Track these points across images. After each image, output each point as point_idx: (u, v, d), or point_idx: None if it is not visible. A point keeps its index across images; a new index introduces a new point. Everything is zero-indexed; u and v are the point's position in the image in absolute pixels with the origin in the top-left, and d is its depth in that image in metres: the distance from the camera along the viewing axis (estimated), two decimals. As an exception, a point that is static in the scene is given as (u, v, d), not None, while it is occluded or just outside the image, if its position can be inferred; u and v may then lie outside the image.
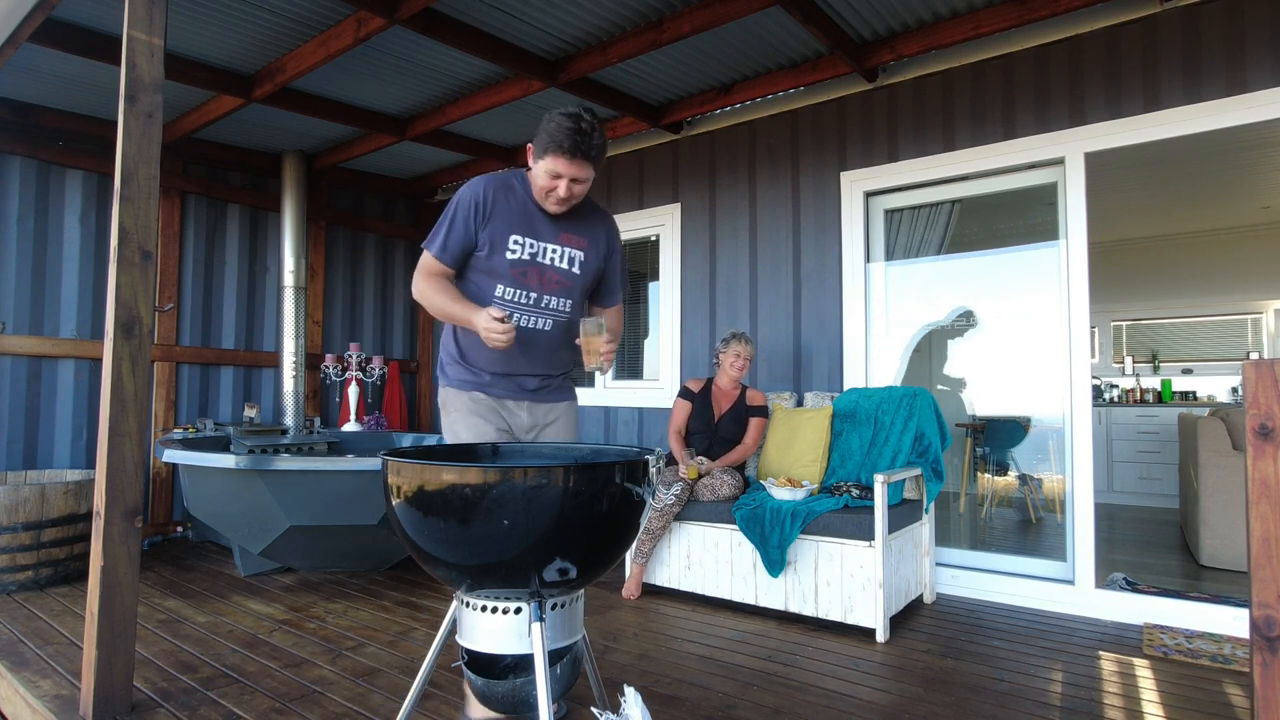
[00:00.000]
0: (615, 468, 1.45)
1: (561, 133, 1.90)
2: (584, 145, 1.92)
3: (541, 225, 2.09)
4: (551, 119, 1.92)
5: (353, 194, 6.12)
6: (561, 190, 1.98)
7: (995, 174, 3.78)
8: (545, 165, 1.96)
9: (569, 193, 1.99)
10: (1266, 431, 1.13)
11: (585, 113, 1.93)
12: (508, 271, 2.06)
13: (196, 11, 3.39)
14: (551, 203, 2.03)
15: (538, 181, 2.00)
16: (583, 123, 1.91)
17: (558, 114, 1.93)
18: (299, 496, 3.54)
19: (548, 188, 1.99)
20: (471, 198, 2.03)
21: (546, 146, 1.93)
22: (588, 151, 1.93)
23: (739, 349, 3.83)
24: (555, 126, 1.91)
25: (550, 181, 1.98)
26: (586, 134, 1.91)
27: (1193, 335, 7.42)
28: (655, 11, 3.47)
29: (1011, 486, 4.85)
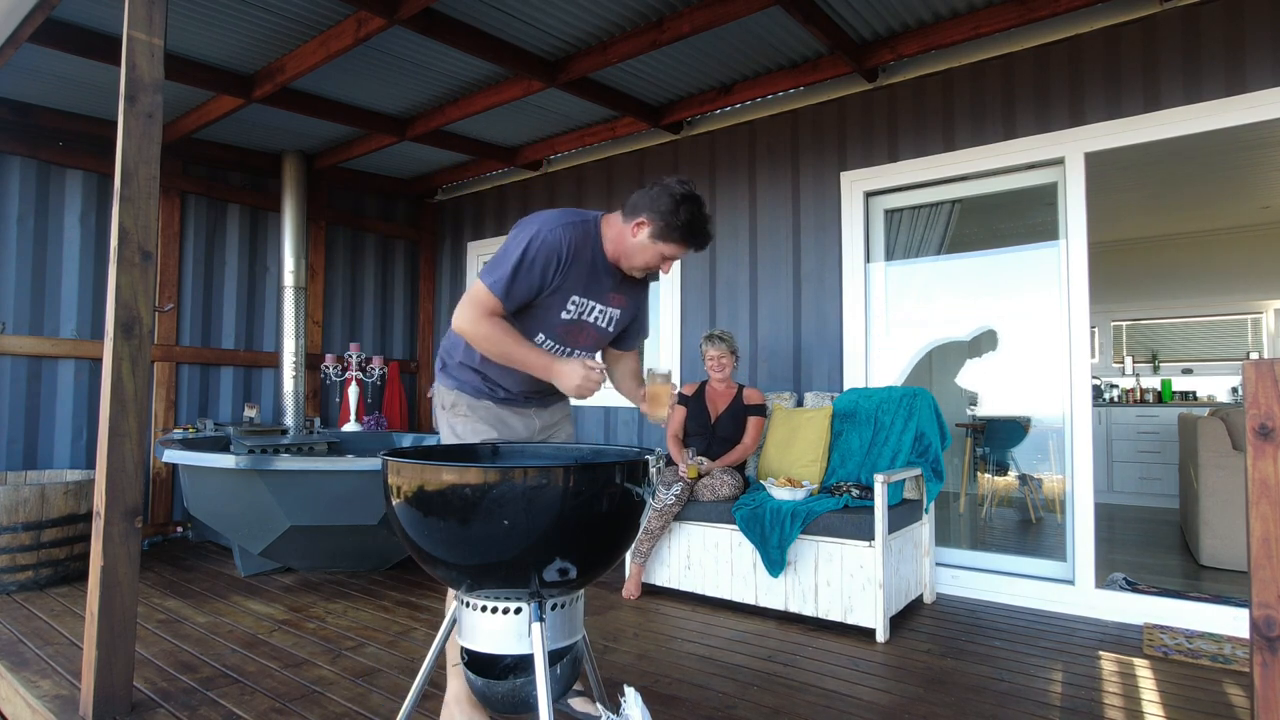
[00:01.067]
0: (615, 468, 1.45)
1: (697, 229, 1.86)
2: (707, 238, 1.92)
3: (601, 286, 1.99)
4: (681, 206, 1.83)
5: (353, 194, 6.12)
6: (665, 269, 1.96)
7: (995, 174, 3.79)
8: (664, 249, 1.89)
9: (667, 270, 1.97)
10: (1266, 431, 1.13)
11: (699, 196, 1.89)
12: (554, 327, 1.97)
13: (196, 11, 3.39)
14: (640, 273, 1.97)
15: (642, 257, 1.91)
16: (706, 213, 1.89)
17: (686, 200, 1.84)
18: (299, 496, 3.54)
19: (653, 265, 1.93)
20: (552, 251, 1.85)
21: (671, 235, 1.85)
22: (706, 244, 1.93)
23: (713, 352, 3.84)
24: (688, 218, 1.84)
25: (660, 261, 1.92)
26: (710, 225, 1.90)
27: (1193, 335, 7.42)
28: (655, 11, 3.47)
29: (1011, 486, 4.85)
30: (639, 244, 1.90)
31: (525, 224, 1.91)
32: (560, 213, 1.93)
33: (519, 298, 1.87)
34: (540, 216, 1.91)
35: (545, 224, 1.87)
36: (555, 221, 1.88)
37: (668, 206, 1.84)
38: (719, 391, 3.92)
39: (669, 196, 1.85)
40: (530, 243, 1.83)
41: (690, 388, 4.00)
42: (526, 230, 1.87)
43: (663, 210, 1.85)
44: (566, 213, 1.94)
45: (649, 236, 1.88)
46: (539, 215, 1.93)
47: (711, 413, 3.89)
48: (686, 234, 1.86)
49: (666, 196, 1.85)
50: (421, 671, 1.72)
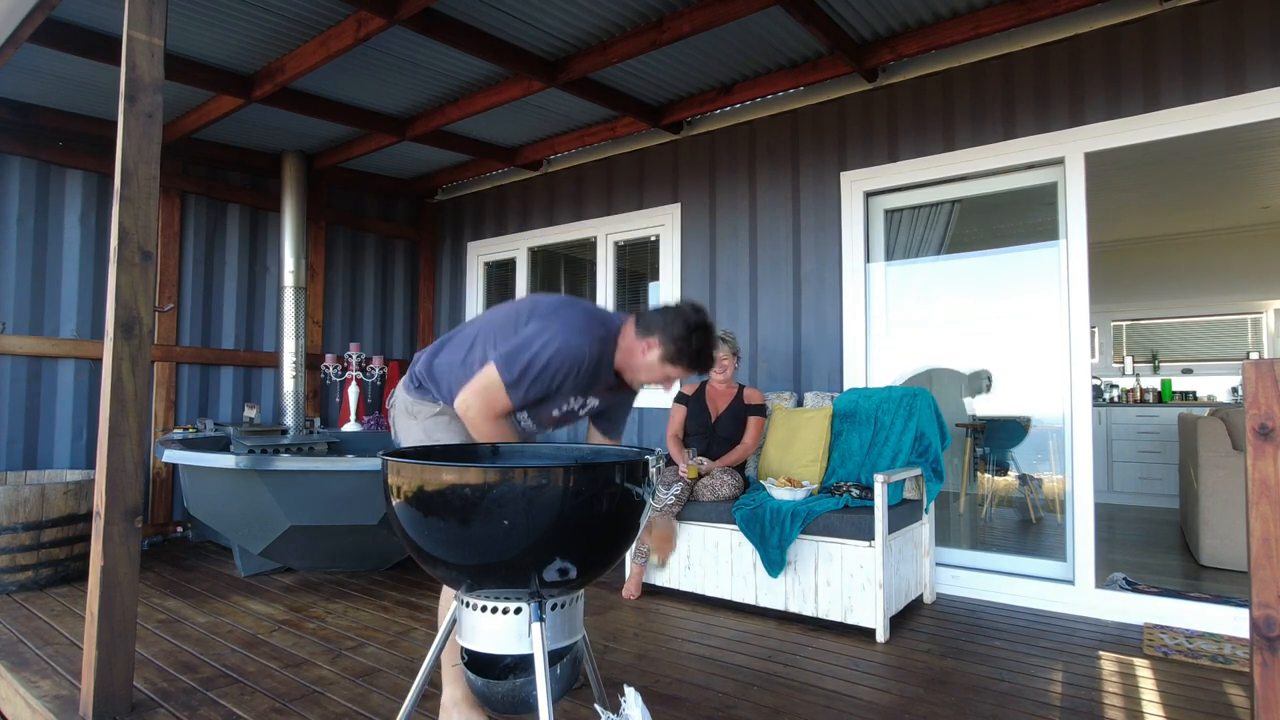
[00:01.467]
0: (615, 468, 1.45)
1: (703, 357, 1.93)
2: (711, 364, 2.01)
3: (598, 387, 2.05)
4: (694, 334, 1.89)
5: (353, 194, 6.12)
6: (665, 388, 2.02)
7: (995, 174, 3.79)
8: (670, 371, 1.94)
9: (668, 389, 2.03)
10: (1266, 431, 1.13)
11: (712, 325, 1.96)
12: (542, 416, 2.04)
13: (196, 11, 3.39)
14: (638, 385, 2.05)
15: (647, 373, 1.97)
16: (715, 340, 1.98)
17: (699, 329, 1.90)
18: (299, 496, 3.54)
19: (656, 381, 1.99)
20: (573, 365, 1.88)
21: (679, 360, 1.91)
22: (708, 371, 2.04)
23: (715, 353, 3.81)
24: (700, 347, 1.91)
25: (663, 379, 1.98)
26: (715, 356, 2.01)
27: (1192, 335, 7.42)
28: (655, 11, 3.47)
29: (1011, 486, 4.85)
30: (647, 363, 1.95)
31: (552, 322, 1.90)
32: (589, 320, 1.94)
33: (530, 400, 1.92)
34: (570, 320, 1.91)
35: (574, 334, 1.88)
36: (584, 333, 1.90)
37: (680, 333, 1.89)
38: (719, 391, 3.92)
39: (683, 323, 1.90)
40: (555, 354, 1.85)
41: (690, 387, 4.00)
42: (554, 335, 1.87)
43: (675, 336, 1.90)
44: (594, 320, 1.95)
45: (658, 359, 1.93)
46: (568, 318, 1.92)
47: (712, 412, 3.89)
48: (694, 362, 1.93)
49: (681, 323, 1.90)
50: (421, 671, 1.72)
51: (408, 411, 2.12)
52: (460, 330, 2.14)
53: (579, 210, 5.45)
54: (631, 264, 5.33)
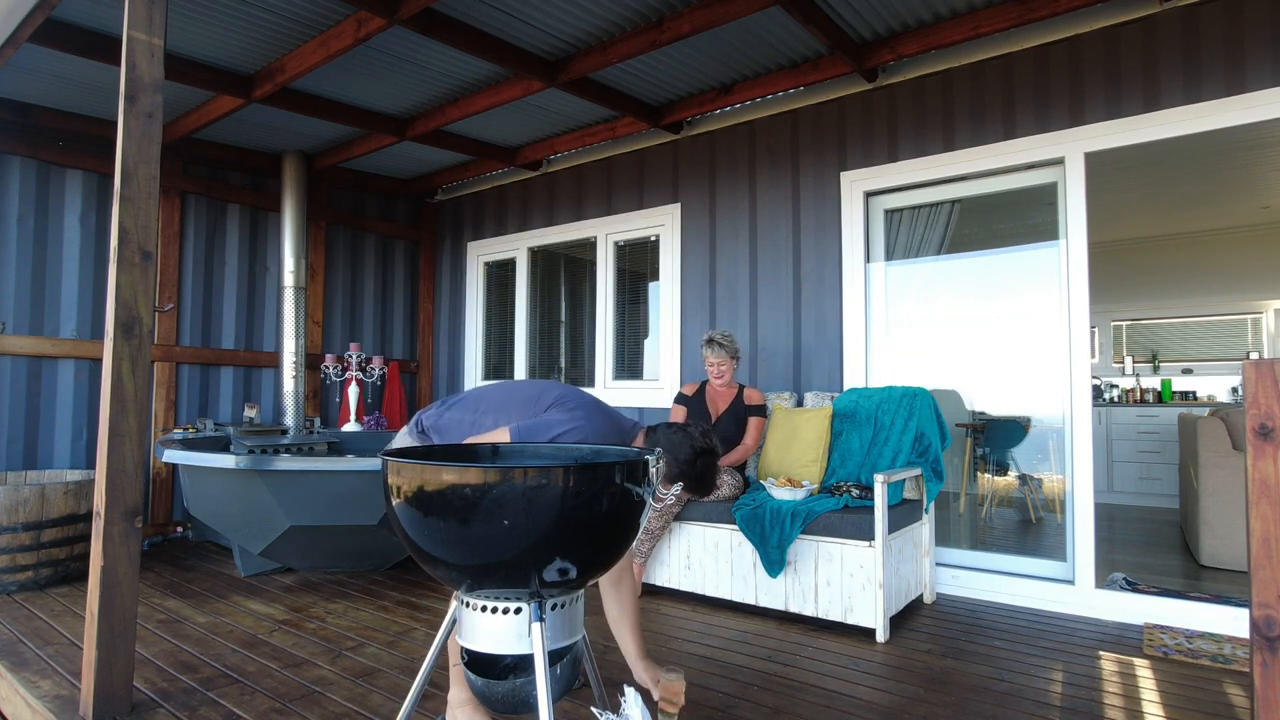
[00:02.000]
0: (615, 468, 1.45)
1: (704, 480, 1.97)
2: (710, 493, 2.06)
3: None
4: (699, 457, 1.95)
5: (353, 194, 6.12)
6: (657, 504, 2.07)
7: (995, 174, 3.79)
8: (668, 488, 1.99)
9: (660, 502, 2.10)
10: (1266, 431, 1.13)
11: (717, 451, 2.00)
12: None
13: (196, 11, 3.39)
14: None
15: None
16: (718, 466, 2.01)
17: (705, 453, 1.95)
18: (299, 496, 3.54)
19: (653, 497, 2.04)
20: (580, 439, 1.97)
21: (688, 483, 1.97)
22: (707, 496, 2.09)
23: (713, 358, 3.83)
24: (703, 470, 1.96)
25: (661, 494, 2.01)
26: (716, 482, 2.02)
27: (1192, 335, 7.42)
28: (655, 11, 3.47)
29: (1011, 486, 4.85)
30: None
31: (578, 414, 1.98)
32: (608, 424, 2.01)
33: None
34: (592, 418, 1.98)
35: (592, 434, 1.96)
36: (601, 435, 1.97)
37: (686, 455, 1.95)
38: (719, 392, 3.92)
39: (690, 446, 1.95)
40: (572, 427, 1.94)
41: (690, 388, 4.00)
42: (576, 425, 1.95)
43: (680, 458, 1.95)
44: (613, 427, 2.02)
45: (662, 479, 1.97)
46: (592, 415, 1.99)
47: (712, 413, 3.89)
48: (696, 484, 1.98)
49: (688, 446, 1.95)
50: (421, 671, 1.72)
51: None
52: (472, 393, 2.18)
53: (579, 210, 5.45)
54: (631, 264, 5.33)
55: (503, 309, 6.15)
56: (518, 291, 5.93)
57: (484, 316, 6.20)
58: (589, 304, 5.51)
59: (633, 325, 5.33)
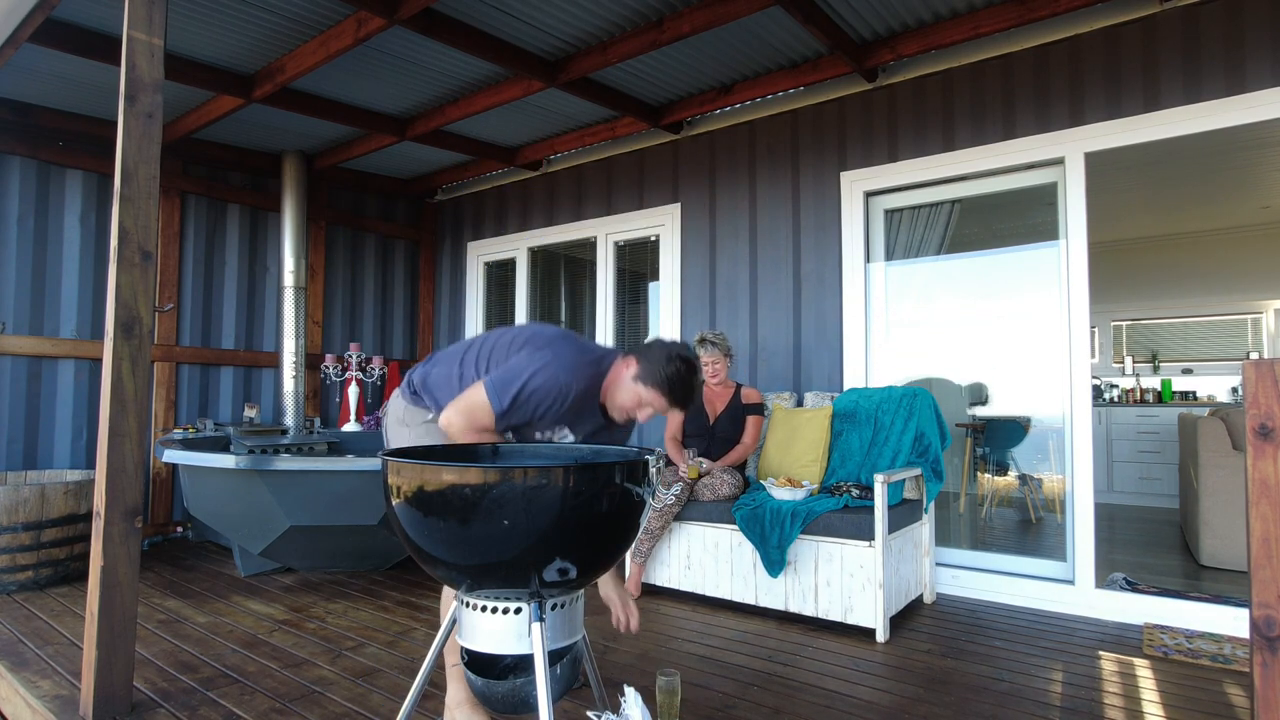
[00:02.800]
0: (615, 468, 1.45)
1: (679, 382, 1.89)
2: (687, 400, 1.95)
3: (585, 421, 2.06)
4: (671, 360, 1.89)
5: (353, 194, 6.12)
6: (641, 416, 1.98)
7: (995, 174, 3.79)
8: (643, 394, 1.92)
9: (645, 419, 1.99)
10: (1266, 431, 1.13)
11: (697, 360, 1.95)
12: (526, 437, 2.06)
13: (196, 11, 3.39)
14: (620, 415, 2.01)
15: (623, 396, 1.96)
16: (695, 379, 1.93)
17: (679, 358, 1.90)
18: (299, 496, 3.54)
19: (630, 407, 1.97)
20: (559, 396, 1.91)
21: (658, 385, 1.90)
22: (688, 404, 1.96)
23: (706, 358, 3.82)
24: (675, 373, 1.89)
25: (637, 406, 1.95)
26: (695, 390, 1.94)
27: (1193, 335, 7.42)
28: (655, 11, 3.47)
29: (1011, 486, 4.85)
30: (624, 382, 1.96)
31: (545, 353, 1.93)
32: (580, 357, 1.96)
33: (511, 422, 1.94)
34: (561, 356, 1.93)
35: (564, 370, 1.90)
36: (573, 368, 1.92)
37: (660, 357, 1.91)
38: (716, 392, 3.92)
39: (664, 350, 1.92)
40: (540, 386, 1.88)
41: None
42: (544, 366, 1.90)
43: (653, 359, 1.91)
44: (586, 359, 1.97)
45: (633, 377, 1.94)
46: (561, 351, 1.94)
47: (710, 414, 3.89)
48: (665, 385, 1.89)
49: (662, 350, 1.92)
50: (421, 671, 1.72)
51: (401, 420, 2.14)
52: (455, 346, 2.16)
53: (579, 210, 5.45)
54: (631, 264, 5.33)
55: (503, 309, 6.15)
56: (518, 291, 5.93)
57: (484, 316, 6.20)
58: (589, 304, 5.51)
59: (633, 325, 5.33)
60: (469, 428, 1.91)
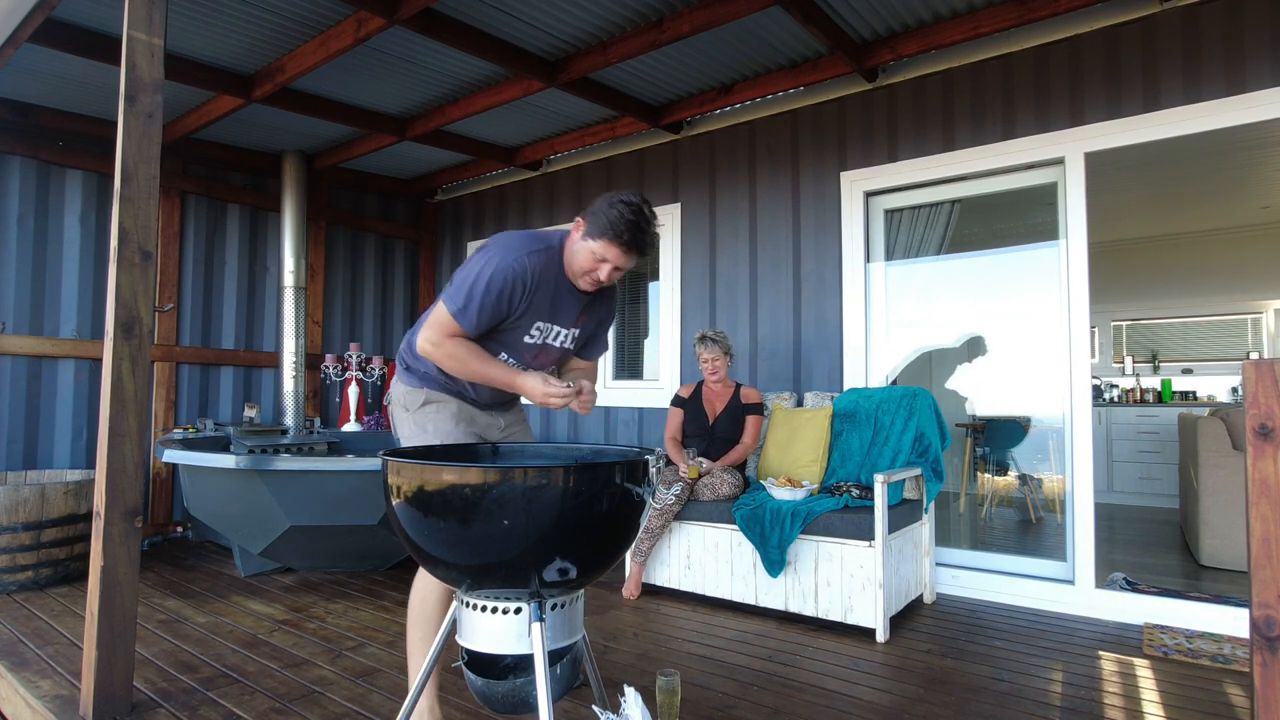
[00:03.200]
0: (615, 468, 1.45)
1: (622, 223, 1.83)
2: (640, 241, 1.87)
3: (565, 309, 2.02)
4: (613, 206, 1.85)
5: (353, 194, 6.12)
6: (602, 275, 1.91)
7: (995, 174, 3.78)
8: (594, 247, 1.88)
9: (608, 279, 1.93)
10: (1266, 431, 1.13)
11: (646, 205, 1.88)
12: (519, 349, 2.01)
13: (196, 11, 3.39)
14: (586, 283, 1.95)
15: (578, 259, 1.91)
16: (642, 218, 1.85)
17: (619, 201, 1.85)
18: (299, 496, 3.54)
19: (589, 269, 1.91)
20: (516, 279, 1.87)
21: (604, 232, 1.85)
22: (643, 247, 1.89)
23: (706, 354, 3.84)
24: (617, 215, 1.84)
25: (594, 264, 1.90)
26: (645, 229, 1.86)
27: (1193, 335, 7.42)
28: (655, 11, 3.47)
29: (1011, 486, 4.85)
30: (575, 246, 1.92)
31: (490, 248, 1.91)
32: (525, 238, 1.94)
33: (482, 325, 1.90)
34: (505, 242, 1.92)
35: (510, 252, 1.88)
36: (520, 249, 1.89)
37: (600, 206, 1.87)
38: (716, 392, 3.92)
39: (606, 199, 1.88)
40: (494, 274, 1.85)
41: (687, 389, 4.00)
42: (490, 258, 1.88)
43: (595, 209, 1.88)
44: (532, 238, 1.94)
45: (582, 236, 1.91)
46: (504, 240, 1.93)
47: (709, 414, 3.89)
48: (611, 230, 1.84)
49: (603, 199, 1.89)
50: (421, 671, 1.72)
51: (401, 404, 2.13)
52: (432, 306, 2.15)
53: (579, 210, 5.44)
54: (631, 264, 5.32)
55: (503, 309, 6.14)
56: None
57: (484, 316, 6.19)
58: (589, 304, 5.50)
59: (633, 325, 5.33)
60: (443, 337, 1.89)
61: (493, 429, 2.17)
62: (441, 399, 2.09)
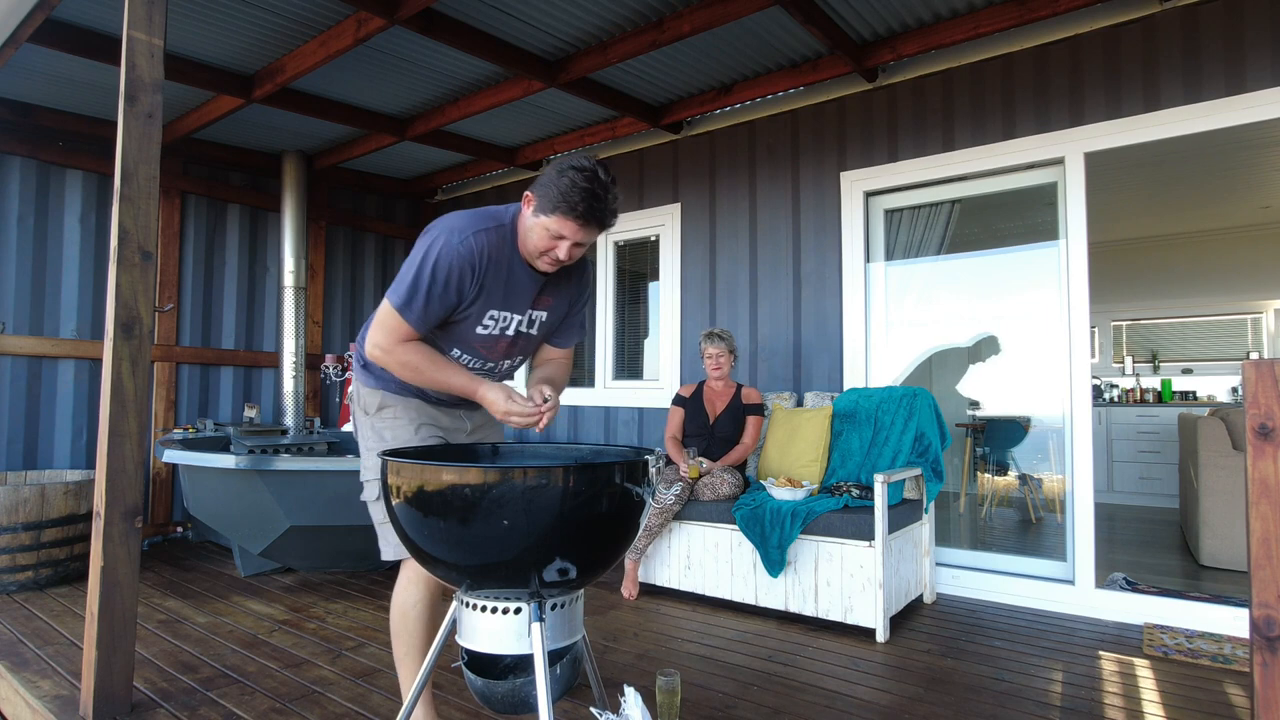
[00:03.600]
0: (615, 468, 1.45)
1: (576, 193, 1.61)
2: (599, 211, 1.64)
3: (521, 294, 1.81)
4: (563, 174, 1.63)
5: (353, 194, 6.12)
6: (561, 253, 1.70)
7: (995, 174, 3.79)
8: (548, 224, 1.66)
9: (568, 256, 1.71)
10: (1266, 431, 1.13)
11: (601, 169, 1.64)
12: (472, 342, 1.83)
13: (196, 11, 3.39)
14: (544, 263, 1.75)
15: (532, 238, 1.70)
16: (598, 184, 1.62)
17: (570, 169, 1.63)
18: (299, 496, 3.54)
19: (545, 248, 1.71)
20: (465, 263, 1.68)
21: (555, 205, 1.63)
22: (602, 219, 1.66)
23: (711, 350, 3.84)
24: (568, 184, 1.62)
25: (550, 242, 1.69)
26: (602, 197, 1.63)
27: (1192, 335, 7.42)
28: (655, 11, 3.47)
29: (1011, 486, 4.85)
30: (527, 223, 1.71)
31: (432, 231, 1.71)
32: (470, 216, 1.74)
33: (432, 320, 1.72)
34: (449, 223, 1.72)
35: (454, 233, 1.68)
36: (465, 229, 1.70)
37: (550, 175, 1.66)
38: (717, 392, 3.92)
39: (555, 167, 1.67)
40: (438, 259, 1.66)
41: (688, 389, 4.01)
42: (433, 242, 1.68)
43: (544, 180, 1.67)
44: (478, 216, 1.75)
45: (533, 212, 1.70)
46: (448, 221, 1.73)
47: (710, 413, 3.89)
48: (564, 202, 1.62)
49: (553, 167, 1.67)
50: (421, 672, 1.73)
51: (360, 405, 2.01)
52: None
53: (579, 210, 5.45)
54: (631, 264, 5.33)
55: (503, 309, 6.14)
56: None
57: (484, 316, 6.19)
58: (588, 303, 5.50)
59: (633, 325, 5.33)
60: (393, 343, 1.71)
61: (458, 431, 2.04)
62: (399, 402, 1.95)
